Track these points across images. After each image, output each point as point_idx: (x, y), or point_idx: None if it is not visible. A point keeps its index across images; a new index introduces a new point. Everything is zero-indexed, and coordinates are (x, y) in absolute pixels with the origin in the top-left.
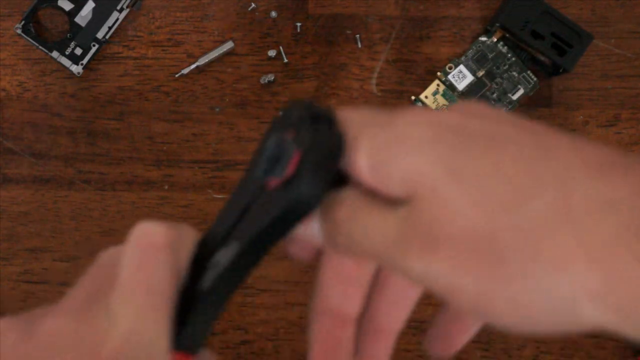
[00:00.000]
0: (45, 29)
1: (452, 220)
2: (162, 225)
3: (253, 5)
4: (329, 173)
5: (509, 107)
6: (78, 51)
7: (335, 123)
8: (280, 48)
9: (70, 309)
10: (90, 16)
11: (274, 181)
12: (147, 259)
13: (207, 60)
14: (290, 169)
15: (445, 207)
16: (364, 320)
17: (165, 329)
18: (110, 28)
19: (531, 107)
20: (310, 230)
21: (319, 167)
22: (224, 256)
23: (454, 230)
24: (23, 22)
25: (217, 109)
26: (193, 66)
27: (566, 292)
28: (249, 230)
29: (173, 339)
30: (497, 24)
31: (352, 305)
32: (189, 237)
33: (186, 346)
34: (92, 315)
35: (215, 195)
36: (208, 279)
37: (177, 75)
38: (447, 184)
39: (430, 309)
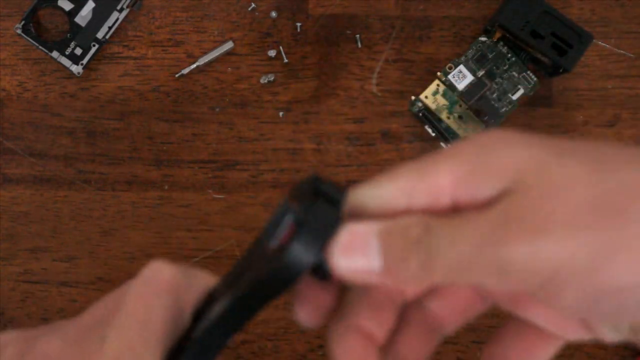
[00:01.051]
0: (45, 29)
1: (568, 191)
2: (173, 267)
3: (253, 5)
4: (317, 248)
5: (509, 107)
6: (78, 51)
7: (339, 203)
8: (280, 48)
9: (68, 333)
10: (90, 16)
11: (272, 246)
12: (148, 297)
13: (207, 60)
14: (284, 237)
15: (558, 181)
16: (387, 350)
17: None
18: (110, 28)
19: (531, 107)
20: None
21: (308, 242)
22: (216, 309)
23: (570, 201)
24: (23, 22)
25: (217, 109)
26: (193, 66)
27: None
28: (241, 288)
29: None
30: (497, 24)
31: (381, 330)
32: (199, 284)
33: None
34: (87, 342)
35: (215, 195)
36: (199, 329)
37: (177, 75)
38: (556, 161)
39: None
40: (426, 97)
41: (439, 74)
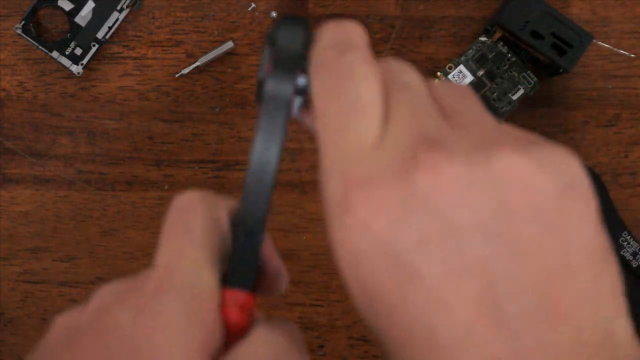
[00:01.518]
0: (45, 29)
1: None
2: (197, 189)
3: (253, 5)
4: (296, 64)
5: (509, 107)
6: (78, 51)
7: (303, 23)
8: None
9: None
10: (90, 16)
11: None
12: (182, 208)
13: (207, 60)
14: (269, 69)
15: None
16: None
17: (208, 265)
18: (110, 28)
19: (531, 107)
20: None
21: (284, 61)
22: (246, 183)
23: None
24: (23, 22)
25: (217, 109)
26: (193, 66)
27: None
28: (253, 144)
29: (222, 279)
30: (497, 24)
31: None
32: (226, 200)
33: (236, 283)
34: (134, 280)
35: None
36: (240, 207)
37: (177, 75)
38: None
39: None
40: None
41: (439, 74)
